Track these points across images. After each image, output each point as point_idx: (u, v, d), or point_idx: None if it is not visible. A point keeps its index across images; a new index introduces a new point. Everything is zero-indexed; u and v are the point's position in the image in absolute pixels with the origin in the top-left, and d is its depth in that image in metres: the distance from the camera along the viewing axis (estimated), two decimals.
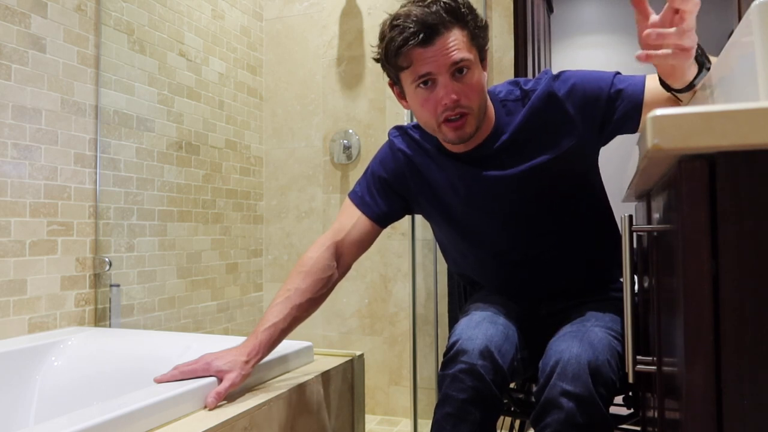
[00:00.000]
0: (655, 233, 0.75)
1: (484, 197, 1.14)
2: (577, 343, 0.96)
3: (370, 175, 1.25)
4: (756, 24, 0.51)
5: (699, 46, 0.85)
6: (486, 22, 1.08)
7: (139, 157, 1.97)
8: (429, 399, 2.15)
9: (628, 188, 0.88)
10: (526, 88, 1.12)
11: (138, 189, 1.97)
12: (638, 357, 0.80)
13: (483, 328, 1.03)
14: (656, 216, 0.74)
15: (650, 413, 0.90)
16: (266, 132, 2.65)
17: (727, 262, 0.48)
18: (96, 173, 1.81)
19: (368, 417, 2.33)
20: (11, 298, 1.55)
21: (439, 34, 1.00)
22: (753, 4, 0.51)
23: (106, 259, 1.79)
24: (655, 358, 0.80)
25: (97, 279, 1.79)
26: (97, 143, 1.82)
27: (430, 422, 1.92)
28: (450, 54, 1.00)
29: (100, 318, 1.80)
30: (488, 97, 1.12)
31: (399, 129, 1.25)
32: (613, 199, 1.28)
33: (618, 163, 4.12)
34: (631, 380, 0.79)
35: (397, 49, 1.01)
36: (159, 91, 2.07)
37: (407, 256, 2.23)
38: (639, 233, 1.00)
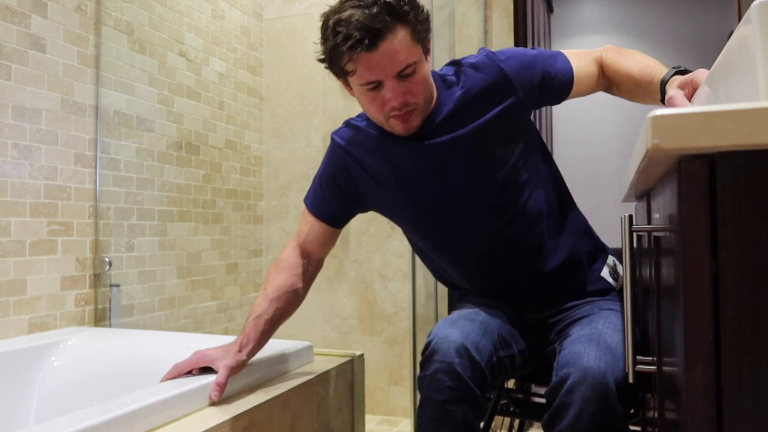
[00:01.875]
0: (655, 233, 0.75)
1: (434, 170, 1.13)
2: (595, 347, 0.93)
3: (318, 178, 1.26)
4: (756, 24, 0.51)
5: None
6: (427, 11, 1.07)
7: (139, 157, 1.97)
8: None
9: (628, 188, 0.88)
10: (463, 62, 1.16)
11: (138, 189, 1.97)
12: (638, 357, 0.80)
13: (459, 325, 1.02)
14: (656, 216, 0.74)
15: (650, 413, 0.90)
16: (266, 132, 2.65)
17: (727, 262, 0.48)
18: (96, 173, 1.81)
19: (368, 417, 2.33)
20: (11, 298, 1.55)
21: (383, 38, 0.98)
22: (753, 4, 0.51)
23: (106, 259, 1.79)
24: (655, 358, 0.80)
25: (97, 279, 1.79)
26: (97, 143, 1.82)
27: None
28: (394, 61, 1.00)
29: (100, 318, 1.80)
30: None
31: (345, 123, 1.25)
32: (613, 199, 1.28)
33: (618, 163, 4.12)
34: (631, 380, 0.79)
35: (342, 56, 1.01)
36: (159, 91, 2.07)
37: (407, 256, 2.23)
38: (639, 233, 1.00)
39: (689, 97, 0.91)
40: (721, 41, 3.77)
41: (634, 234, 0.92)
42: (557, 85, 1.15)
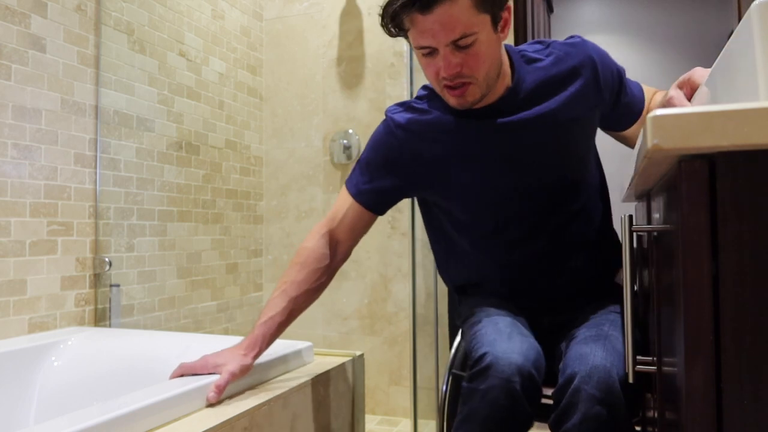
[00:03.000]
0: (655, 233, 0.75)
1: (506, 151, 1.08)
2: (601, 348, 0.93)
3: (364, 160, 1.19)
4: (756, 24, 0.51)
5: None
6: None
7: (139, 157, 1.97)
8: (429, 399, 2.15)
9: (628, 188, 0.88)
10: (552, 42, 1.11)
11: (138, 189, 1.97)
12: (638, 357, 0.80)
13: (516, 341, 0.97)
14: (656, 216, 0.74)
15: (650, 413, 0.90)
16: (266, 132, 2.65)
17: (727, 262, 0.48)
18: (96, 173, 1.81)
19: (368, 417, 2.33)
20: (11, 298, 1.55)
21: (438, 2, 0.93)
22: (753, 4, 0.51)
23: (106, 259, 1.79)
24: (655, 358, 0.80)
25: (97, 279, 1.79)
26: (97, 143, 1.82)
27: (430, 422, 1.92)
28: (449, 28, 0.94)
29: (100, 318, 1.80)
30: (505, 53, 1.08)
31: (401, 104, 1.17)
32: (613, 199, 1.28)
33: (618, 163, 4.12)
34: (631, 380, 0.79)
35: (395, 14, 0.97)
36: (159, 91, 2.07)
37: (407, 256, 2.23)
38: (639, 233, 1.00)
39: (688, 97, 0.92)
40: (721, 41, 3.77)
41: (634, 234, 0.92)
42: (627, 107, 1.13)
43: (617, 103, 1.13)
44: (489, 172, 1.10)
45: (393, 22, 0.99)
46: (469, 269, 1.24)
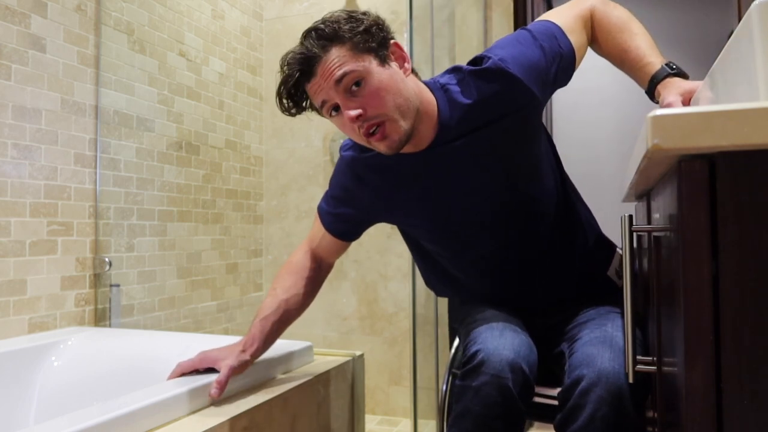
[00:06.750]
0: (655, 233, 0.75)
1: (448, 176, 1.08)
2: (608, 350, 0.93)
3: (329, 192, 1.23)
4: (756, 24, 0.51)
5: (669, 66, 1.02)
6: (373, 19, 1.02)
7: (139, 157, 1.97)
8: (429, 399, 2.15)
9: (628, 188, 0.88)
10: (465, 69, 1.07)
11: (138, 189, 1.97)
12: (638, 357, 0.80)
13: (508, 338, 0.98)
14: (656, 216, 0.74)
15: (650, 413, 0.90)
16: (266, 132, 2.65)
17: (727, 262, 0.48)
18: (96, 173, 1.81)
19: (368, 417, 2.33)
20: (11, 298, 1.55)
21: (317, 62, 0.99)
22: (753, 4, 0.51)
23: (106, 259, 1.79)
24: (655, 358, 0.80)
25: (97, 279, 1.79)
26: (97, 143, 1.82)
27: (430, 422, 1.92)
28: (329, 74, 0.98)
29: (100, 318, 1.80)
30: (424, 87, 1.06)
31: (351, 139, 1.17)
32: (613, 199, 1.28)
33: (618, 163, 4.12)
34: (631, 380, 0.79)
35: (290, 93, 1.04)
36: (159, 91, 2.07)
37: (407, 256, 2.23)
38: (639, 233, 1.00)
39: (686, 104, 0.92)
40: (721, 41, 3.77)
41: (634, 234, 0.92)
42: (566, 73, 1.11)
43: (555, 82, 1.10)
44: (437, 201, 1.11)
45: (292, 101, 1.05)
46: (451, 283, 1.26)
